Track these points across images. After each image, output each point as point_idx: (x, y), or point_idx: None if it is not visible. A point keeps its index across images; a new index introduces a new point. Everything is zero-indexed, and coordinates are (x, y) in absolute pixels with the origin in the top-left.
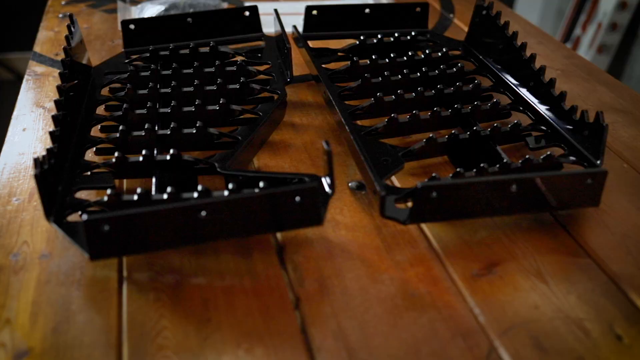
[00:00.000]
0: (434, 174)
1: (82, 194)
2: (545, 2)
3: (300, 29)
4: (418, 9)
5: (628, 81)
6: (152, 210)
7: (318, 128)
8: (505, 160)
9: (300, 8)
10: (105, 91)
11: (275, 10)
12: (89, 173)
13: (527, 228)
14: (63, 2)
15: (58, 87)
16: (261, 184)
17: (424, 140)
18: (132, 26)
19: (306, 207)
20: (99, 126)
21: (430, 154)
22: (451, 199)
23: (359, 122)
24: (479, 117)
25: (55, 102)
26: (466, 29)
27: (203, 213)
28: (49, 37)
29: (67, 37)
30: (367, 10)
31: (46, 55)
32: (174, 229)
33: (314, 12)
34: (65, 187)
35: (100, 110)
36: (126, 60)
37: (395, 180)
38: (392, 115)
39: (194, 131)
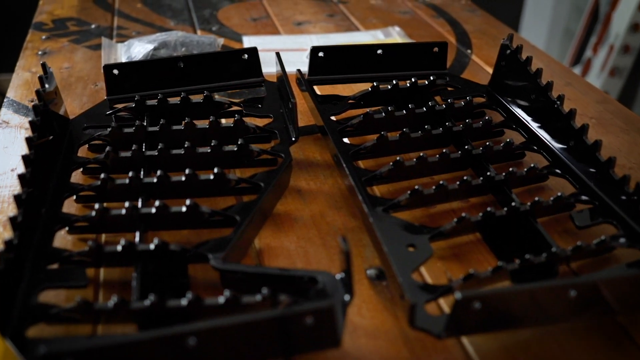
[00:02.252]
0: (471, 271)
1: (49, 294)
2: (553, 21)
3: (305, 68)
4: (436, 49)
5: None
6: (126, 341)
7: (328, 195)
8: (553, 250)
9: (304, 43)
10: (84, 150)
11: (277, 54)
12: (57, 265)
13: (583, 334)
14: (43, 37)
15: (23, 157)
16: (264, 290)
17: (455, 220)
18: (115, 71)
19: (320, 329)
20: (74, 196)
21: (462, 233)
22: (497, 309)
23: (375, 188)
24: (514, 183)
25: (19, 176)
26: (486, 66)
27: (192, 341)
28: (25, 79)
29: (38, 92)
30: (379, 51)
31: (21, 102)
32: None
33: (321, 53)
34: (28, 286)
35: (78, 173)
36: (108, 112)
37: (422, 269)
38: (416, 187)
39: (184, 210)
